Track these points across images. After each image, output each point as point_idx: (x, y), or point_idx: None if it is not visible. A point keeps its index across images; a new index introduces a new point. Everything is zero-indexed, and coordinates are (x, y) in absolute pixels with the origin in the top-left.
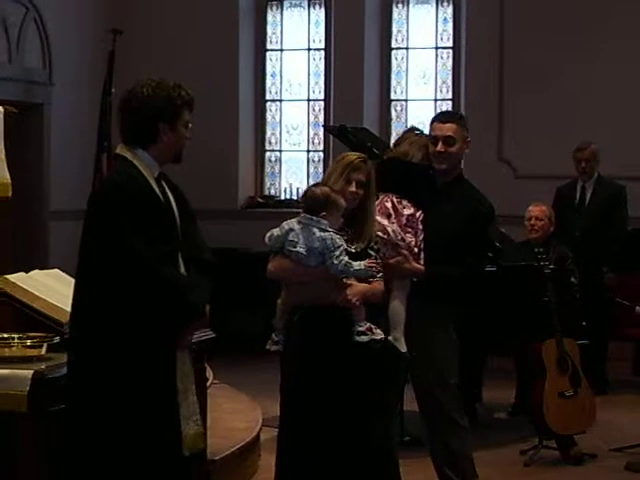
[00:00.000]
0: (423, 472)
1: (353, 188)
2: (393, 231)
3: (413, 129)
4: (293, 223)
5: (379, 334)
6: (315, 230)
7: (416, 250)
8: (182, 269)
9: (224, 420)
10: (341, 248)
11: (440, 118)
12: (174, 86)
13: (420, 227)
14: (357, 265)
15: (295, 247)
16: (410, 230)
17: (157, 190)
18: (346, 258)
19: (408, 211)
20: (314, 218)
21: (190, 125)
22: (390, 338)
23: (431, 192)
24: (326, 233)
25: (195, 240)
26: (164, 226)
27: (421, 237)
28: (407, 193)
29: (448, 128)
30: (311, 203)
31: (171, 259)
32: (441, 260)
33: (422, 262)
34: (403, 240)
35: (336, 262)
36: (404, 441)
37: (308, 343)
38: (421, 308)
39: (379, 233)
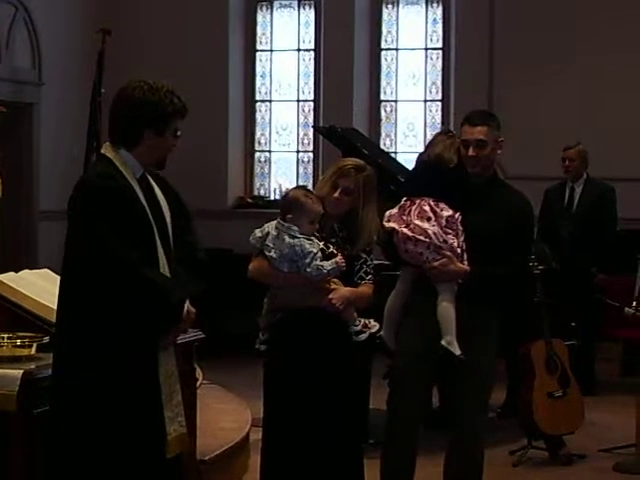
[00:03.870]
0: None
1: (337, 194)
2: (434, 233)
3: (445, 132)
4: (272, 226)
5: (375, 326)
6: (285, 237)
7: (459, 251)
8: (166, 269)
9: (214, 420)
10: (311, 254)
11: (470, 120)
12: (167, 92)
13: (460, 228)
14: (329, 265)
15: (270, 252)
16: (451, 231)
17: (137, 190)
18: (317, 262)
19: (447, 212)
20: (285, 224)
21: (179, 133)
22: (443, 342)
23: (466, 194)
24: (295, 240)
25: (188, 239)
26: (144, 225)
27: (462, 238)
28: (442, 196)
29: (479, 131)
30: (281, 204)
31: (150, 259)
32: (485, 261)
33: (466, 263)
34: (445, 242)
35: (309, 270)
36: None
37: (295, 343)
38: (468, 311)
39: (420, 237)
